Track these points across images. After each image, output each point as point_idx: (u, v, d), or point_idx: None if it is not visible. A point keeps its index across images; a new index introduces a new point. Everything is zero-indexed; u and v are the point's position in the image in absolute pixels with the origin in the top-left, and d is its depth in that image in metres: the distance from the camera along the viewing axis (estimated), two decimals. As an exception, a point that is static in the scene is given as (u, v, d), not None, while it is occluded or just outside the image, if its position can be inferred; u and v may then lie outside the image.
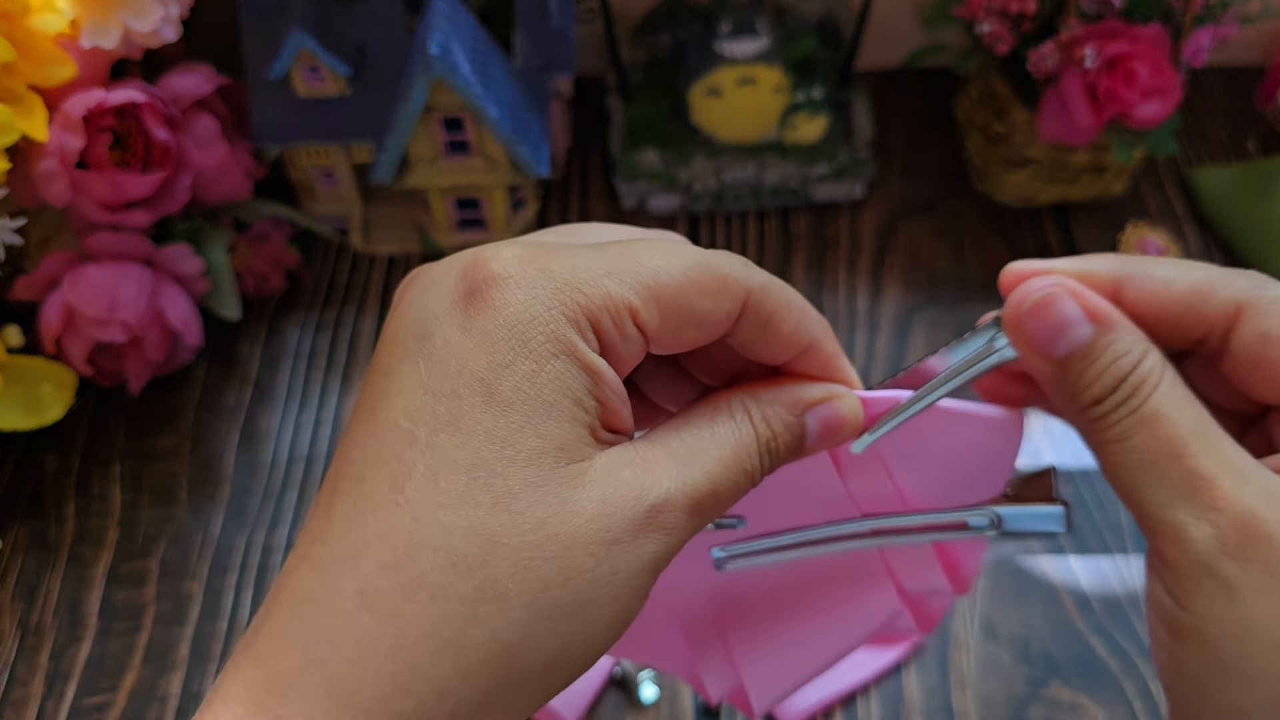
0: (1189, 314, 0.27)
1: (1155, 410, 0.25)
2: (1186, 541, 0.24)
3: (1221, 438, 0.25)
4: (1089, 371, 0.26)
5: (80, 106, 0.52)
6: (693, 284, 0.26)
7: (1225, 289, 0.27)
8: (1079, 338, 0.26)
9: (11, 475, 0.58)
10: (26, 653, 0.52)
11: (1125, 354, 0.26)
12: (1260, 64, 0.76)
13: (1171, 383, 0.26)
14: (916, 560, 0.33)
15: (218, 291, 0.59)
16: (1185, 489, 0.24)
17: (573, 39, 0.62)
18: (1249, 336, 0.26)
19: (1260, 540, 0.23)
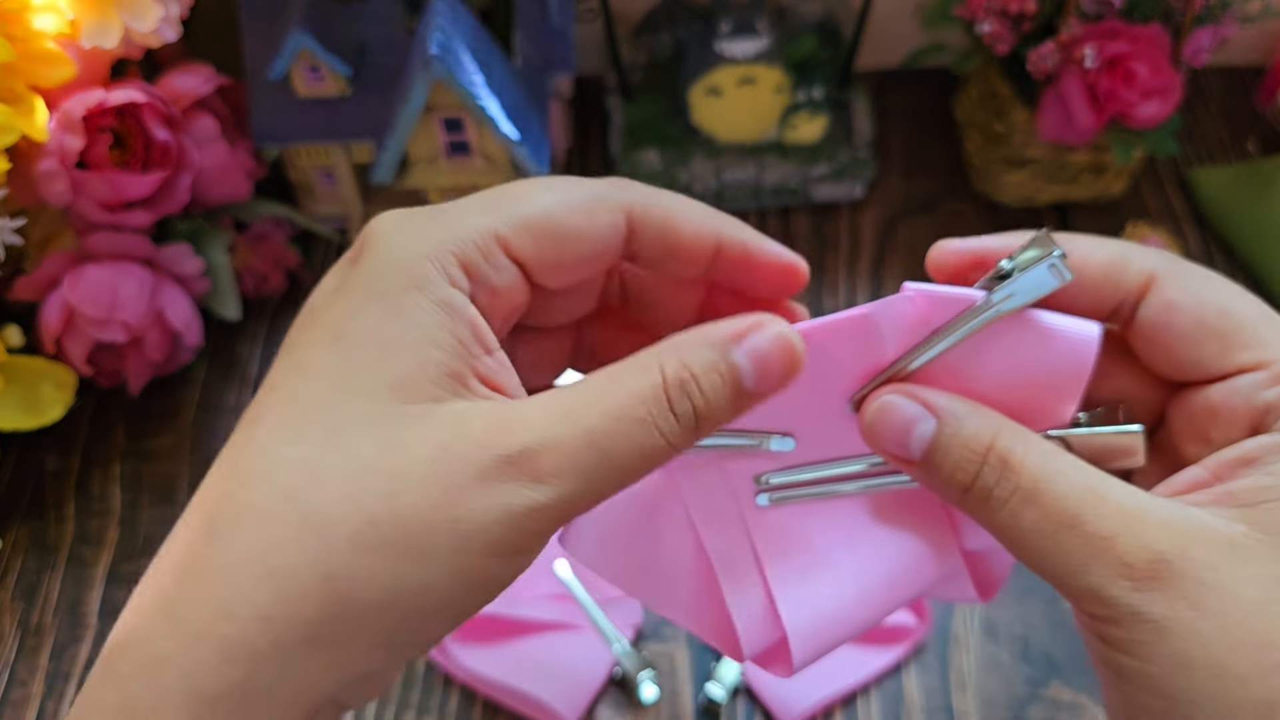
0: (1107, 283, 0.27)
1: (1033, 487, 0.25)
2: (1107, 600, 0.24)
3: (1108, 487, 0.25)
4: (947, 462, 0.26)
5: (80, 106, 0.52)
6: (563, 205, 0.26)
7: (1140, 261, 0.28)
8: (925, 433, 0.26)
9: (11, 475, 0.58)
10: (26, 653, 0.52)
11: (974, 436, 0.26)
12: (1260, 64, 0.76)
13: (1039, 451, 0.26)
14: None
15: (218, 291, 0.59)
16: (1089, 554, 0.24)
17: (572, 39, 0.62)
18: (1155, 304, 0.27)
19: (1173, 577, 0.24)
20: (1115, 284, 0.28)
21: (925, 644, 0.52)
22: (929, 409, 0.27)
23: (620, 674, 0.50)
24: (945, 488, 0.27)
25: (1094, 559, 0.24)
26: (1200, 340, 0.27)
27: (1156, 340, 0.28)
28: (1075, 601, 0.25)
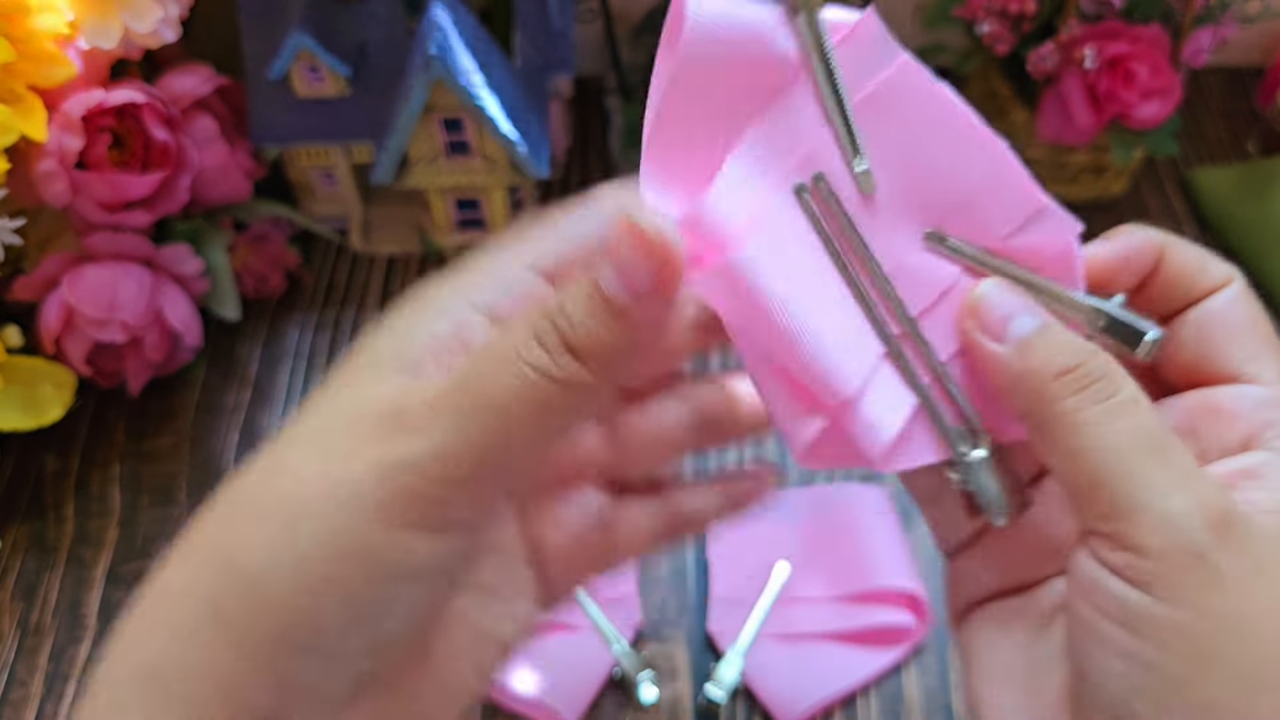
0: (1203, 275, 0.28)
1: (1135, 397, 0.25)
2: (1176, 530, 0.23)
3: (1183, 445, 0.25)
4: (1045, 348, 0.25)
5: (80, 107, 0.52)
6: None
7: (1219, 266, 0.28)
8: (1029, 325, 0.26)
9: (11, 475, 0.58)
10: (26, 653, 0.52)
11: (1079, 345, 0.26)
12: (1260, 64, 0.76)
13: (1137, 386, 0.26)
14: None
15: (217, 292, 0.59)
16: (1174, 481, 0.24)
17: (572, 39, 0.62)
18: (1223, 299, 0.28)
19: (1243, 535, 0.24)
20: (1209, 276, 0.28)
21: (925, 645, 0.52)
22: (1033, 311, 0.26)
23: (620, 674, 0.50)
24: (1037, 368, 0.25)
25: (1180, 487, 0.24)
26: (1243, 338, 0.28)
27: (1210, 326, 0.28)
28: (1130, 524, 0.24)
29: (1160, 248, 0.29)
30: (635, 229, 0.24)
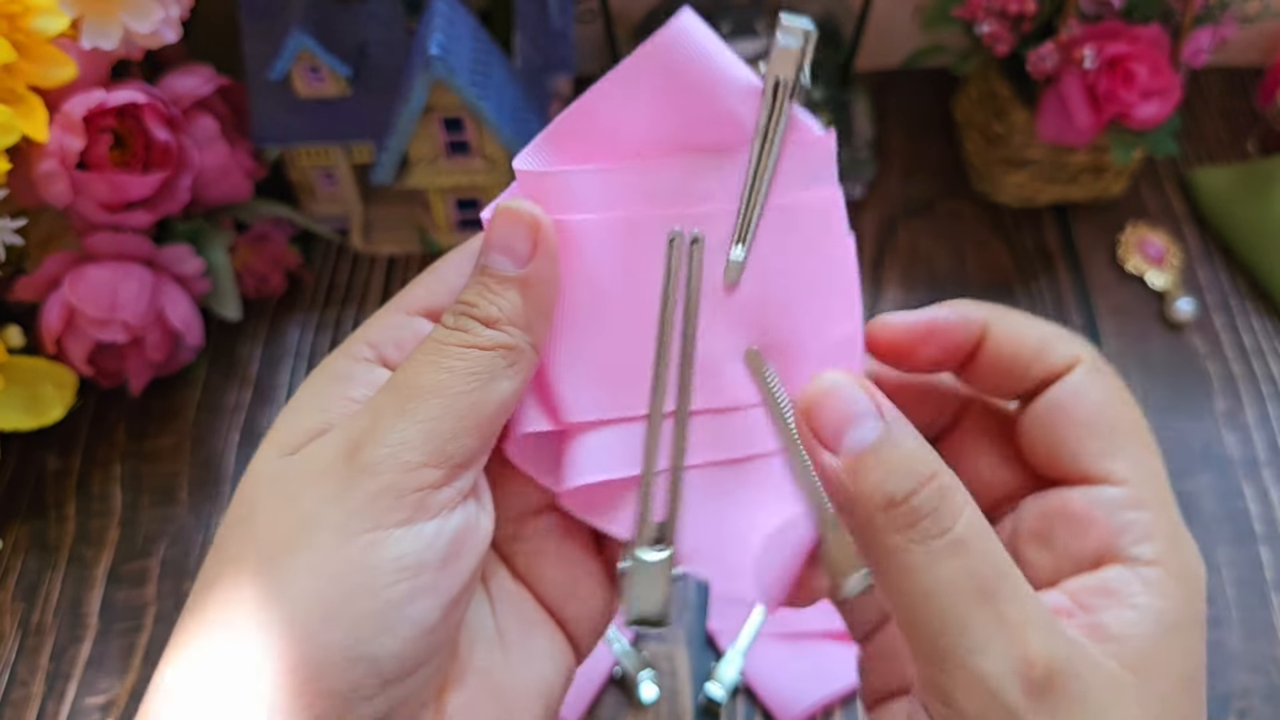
0: (1037, 360, 0.27)
1: (966, 536, 0.23)
2: (991, 691, 0.22)
3: (1022, 580, 0.24)
4: (882, 469, 0.24)
5: (81, 107, 0.52)
6: None
7: (1067, 345, 0.27)
8: (869, 433, 0.24)
9: (12, 475, 0.58)
10: (27, 653, 0.52)
11: (919, 458, 0.24)
12: (1259, 64, 0.76)
13: (976, 510, 0.24)
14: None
15: (218, 292, 0.59)
16: (993, 633, 0.22)
17: (572, 39, 0.62)
18: (1066, 389, 0.27)
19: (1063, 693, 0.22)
20: (1045, 360, 0.27)
21: None
22: (881, 410, 0.25)
23: (620, 673, 0.51)
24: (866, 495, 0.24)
25: (997, 640, 0.22)
26: (1091, 433, 0.26)
27: (1054, 421, 0.27)
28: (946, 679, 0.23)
29: (983, 324, 0.27)
30: (503, 210, 0.26)
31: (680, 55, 0.27)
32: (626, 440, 0.27)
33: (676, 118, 0.27)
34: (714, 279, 0.27)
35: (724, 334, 0.28)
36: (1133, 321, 0.64)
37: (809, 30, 0.27)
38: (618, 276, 0.27)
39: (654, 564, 0.27)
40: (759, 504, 0.28)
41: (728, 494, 0.28)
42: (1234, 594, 0.54)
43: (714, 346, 0.27)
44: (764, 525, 0.28)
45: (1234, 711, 0.50)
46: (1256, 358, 0.63)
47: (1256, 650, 0.52)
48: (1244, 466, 0.58)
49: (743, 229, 0.27)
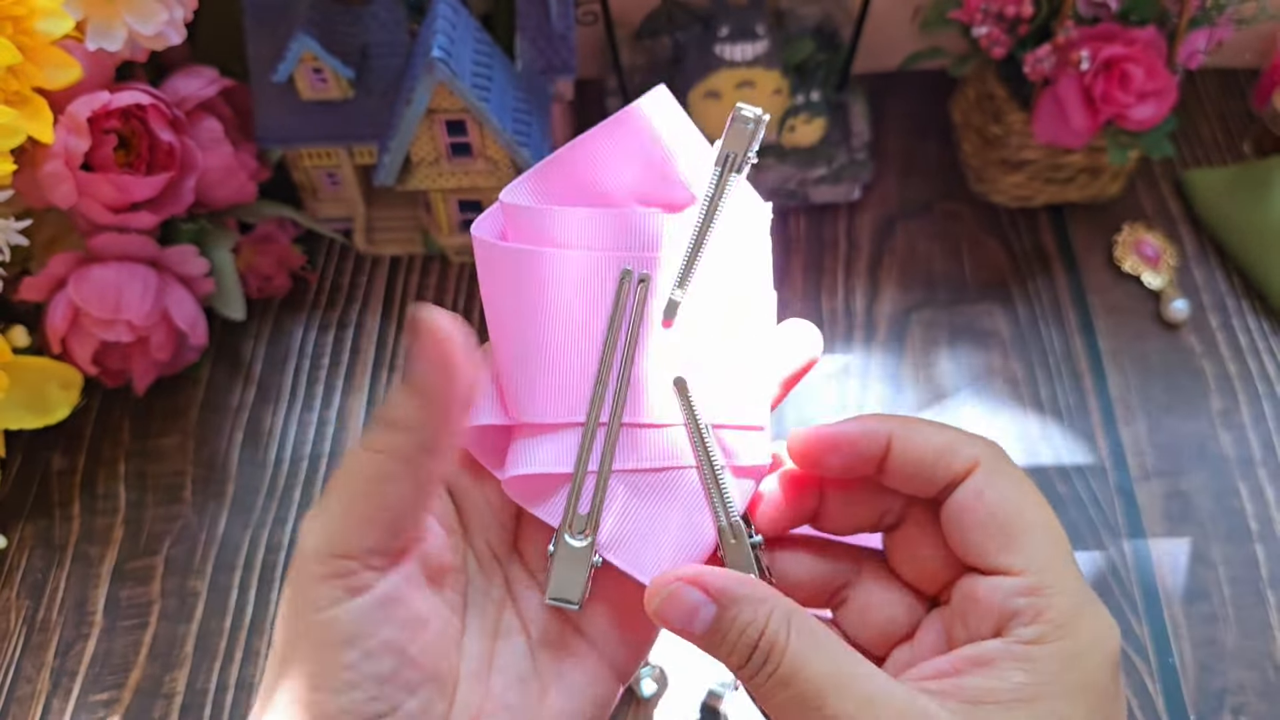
0: (940, 465, 0.31)
1: (788, 671, 0.28)
2: None
3: (855, 672, 0.28)
4: (723, 645, 0.30)
5: (85, 108, 0.52)
6: None
7: (968, 449, 0.31)
8: (707, 617, 0.30)
9: (18, 474, 0.59)
10: (33, 650, 0.53)
11: (749, 623, 0.29)
12: (1255, 66, 0.77)
13: (800, 635, 0.29)
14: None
15: (222, 292, 0.59)
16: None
17: (573, 42, 0.62)
18: (969, 489, 0.31)
19: None
20: (947, 466, 0.31)
21: None
22: (710, 595, 0.30)
23: None
24: (725, 661, 0.30)
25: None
26: (989, 531, 0.30)
27: (960, 520, 0.31)
28: None
29: (888, 436, 0.31)
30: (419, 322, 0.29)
31: (651, 124, 0.32)
32: (564, 442, 0.32)
33: (642, 176, 0.32)
34: (655, 315, 0.32)
35: (657, 362, 0.32)
36: (1129, 321, 0.65)
37: (760, 116, 0.32)
38: (575, 302, 0.32)
39: (577, 550, 0.32)
40: (672, 508, 0.33)
41: (646, 497, 0.33)
42: (1229, 591, 0.54)
43: (648, 371, 0.32)
44: (674, 527, 0.32)
45: (1229, 708, 0.51)
46: (1252, 357, 0.63)
47: (1252, 647, 0.53)
48: (1239, 465, 0.59)
49: (684, 275, 0.32)
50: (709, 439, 0.32)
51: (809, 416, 0.61)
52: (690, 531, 0.32)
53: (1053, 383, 0.62)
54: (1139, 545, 0.56)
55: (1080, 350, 0.63)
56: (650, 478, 0.33)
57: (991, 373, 0.62)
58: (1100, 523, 0.56)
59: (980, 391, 0.62)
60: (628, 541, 0.32)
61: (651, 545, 0.32)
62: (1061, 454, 0.59)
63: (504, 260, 0.32)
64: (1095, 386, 0.62)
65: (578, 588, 0.32)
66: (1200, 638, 0.53)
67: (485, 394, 0.32)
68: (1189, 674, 0.52)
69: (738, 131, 0.32)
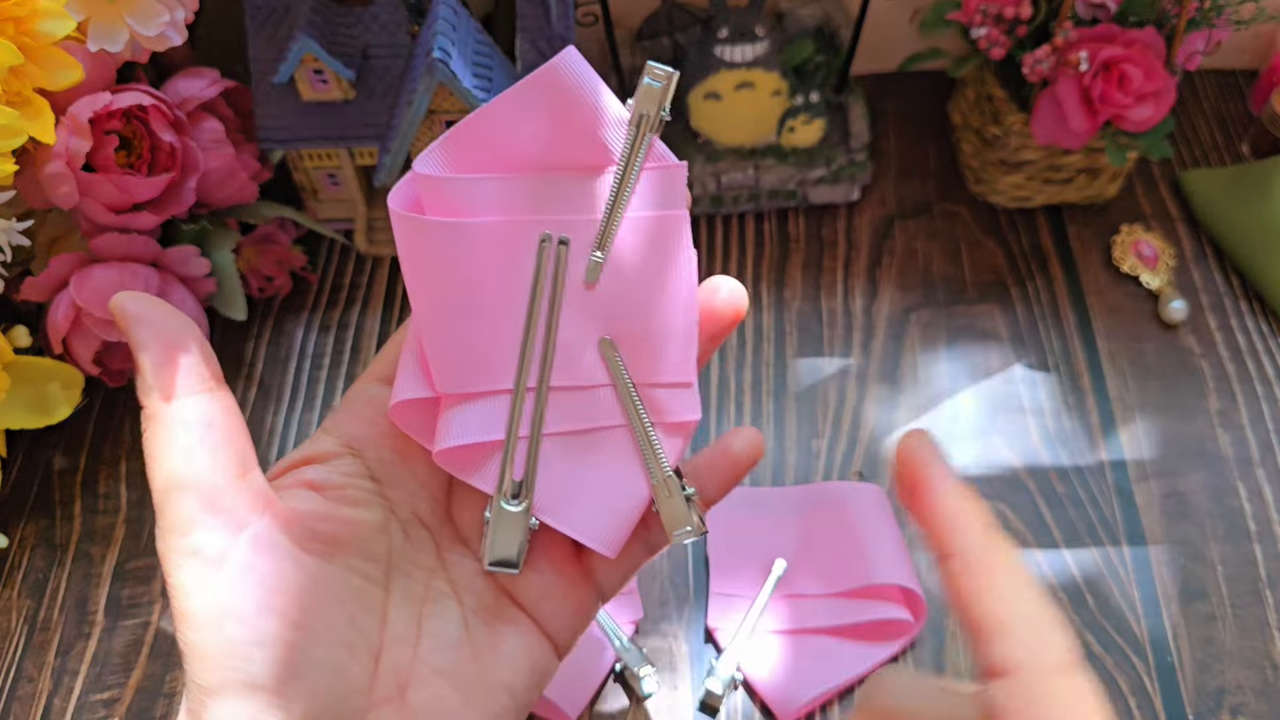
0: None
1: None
2: None
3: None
4: None
5: (87, 109, 0.52)
6: None
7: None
8: None
9: (19, 474, 0.59)
10: (34, 649, 0.53)
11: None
12: (1253, 67, 0.77)
13: None
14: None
15: (223, 293, 0.60)
16: None
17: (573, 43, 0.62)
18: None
19: None
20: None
21: (921, 639, 0.53)
22: None
23: (621, 668, 0.51)
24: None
25: None
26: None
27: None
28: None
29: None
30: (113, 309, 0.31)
31: (563, 86, 0.31)
32: (494, 410, 0.32)
33: (556, 139, 0.32)
34: (577, 277, 0.32)
35: (582, 324, 0.33)
36: (1127, 322, 0.65)
37: (672, 73, 0.32)
38: (495, 271, 0.32)
39: (513, 514, 0.32)
40: (604, 468, 0.33)
41: (578, 458, 0.33)
42: (1228, 591, 0.54)
43: (573, 334, 0.32)
44: (608, 486, 0.33)
45: (1227, 708, 0.51)
46: (1250, 357, 0.63)
47: (1250, 646, 0.53)
48: (1238, 465, 0.59)
49: (603, 237, 0.32)
50: (636, 398, 0.33)
51: (812, 416, 0.61)
52: (625, 489, 0.33)
53: (1051, 383, 0.62)
54: (1137, 545, 0.56)
55: (1079, 350, 0.63)
56: (582, 439, 0.33)
57: (990, 373, 0.63)
58: (1099, 522, 0.57)
59: (979, 392, 0.62)
60: (563, 503, 0.33)
61: (587, 505, 0.33)
62: (1060, 454, 0.59)
63: (421, 233, 0.31)
64: (1094, 386, 0.62)
65: (515, 551, 0.32)
66: (1198, 637, 0.53)
67: (408, 368, 0.32)
68: (1187, 673, 0.52)
69: (649, 91, 0.32)
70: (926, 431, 0.32)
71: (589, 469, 0.33)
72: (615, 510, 0.33)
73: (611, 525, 0.32)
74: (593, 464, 0.33)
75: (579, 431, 0.33)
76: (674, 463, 0.33)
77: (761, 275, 0.67)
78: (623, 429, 0.33)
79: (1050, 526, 0.56)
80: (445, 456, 0.32)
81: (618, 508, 0.33)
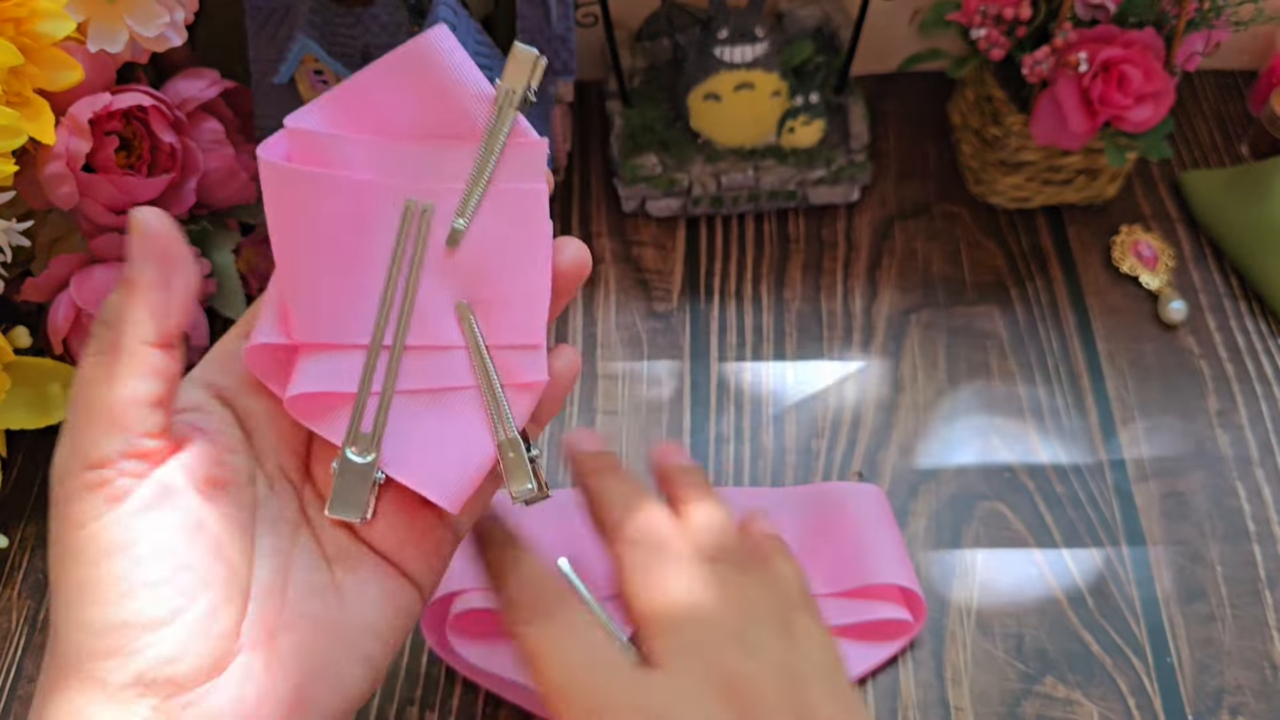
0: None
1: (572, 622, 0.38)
2: None
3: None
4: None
5: (87, 110, 0.52)
6: None
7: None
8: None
9: (19, 474, 0.59)
10: (35, 649, 0.53)
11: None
12: (1253, 68, 0.77)
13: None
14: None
15: (223, 293, 0.60)
16: None
17: (573, 44, 0.62)
18: None
19: None
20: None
21: (920, 639, 0.53)
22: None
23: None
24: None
25: None
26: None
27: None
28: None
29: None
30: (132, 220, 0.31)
31: (433, 60, 0.33)
32: (348, 363, 0.34)
33: (425, 111, 0.34)
34: (438, 243, 0.34)
35: (441, 288, 0.34)
36: (1127, 322, 0.65)
37: (538, 56, 0.34)
38: (360, 228, 0.33)
39: (359, 465, 0.33)
40: (453, 425, 0.34)
41: (428, 415, 0.34)
42: (1227, 591, 0.55)
43: (432, 297, 0.34)
44: (456, 443, 0.34)
45: (1227, 708, 0.51)
46: (1249, 357, 0.63)
47: (1249, 647, 0.53)
48: (1237, 465, 0.59)
49: (465, 205, 0.34)
50: (488, 360, 0.34)
51: (811, 416, 0.61)
52: (471, 446, 0.34)
53: (1051, 383, 0.62)
54: (1136, 545, 0.56)
55: (1078, 351, 0.64)
56: (434, 397, 0.34)
57: (989, 373, 0.63)
58: (1097, 523, 0.57)
59: (978, 392, 0.62)
60: (410, 457, 0.34)
61: (433, 460, 0.34)
62: (1059, 454, 0.59)
63: (290, 182, 0.33)
64: (1093, 387, 0.62)
65: (360, 503, 0.33)
66: (1197, 637, 0.53)
67: (268, 315, 0.33)
68: (1186, 674, 0.52)
69: (516, 68, 0.34)
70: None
71: (439, 426, 0.34)
72: (460, 466, 0.34)
73: (455, 481, 0.34)
74: (443, 421, 0.34)
75: (431, 390, 0.34)
76: (521, 424, 0.34)
77: (761, 276, 0.67)
78: (474, 389, 0.34)
79: (1049, 527, 0.56)
80: (296, 403, 0.33)
81: (463, 464, 0.34)
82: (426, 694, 0.51)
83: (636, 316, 0.65)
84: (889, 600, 0.52)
